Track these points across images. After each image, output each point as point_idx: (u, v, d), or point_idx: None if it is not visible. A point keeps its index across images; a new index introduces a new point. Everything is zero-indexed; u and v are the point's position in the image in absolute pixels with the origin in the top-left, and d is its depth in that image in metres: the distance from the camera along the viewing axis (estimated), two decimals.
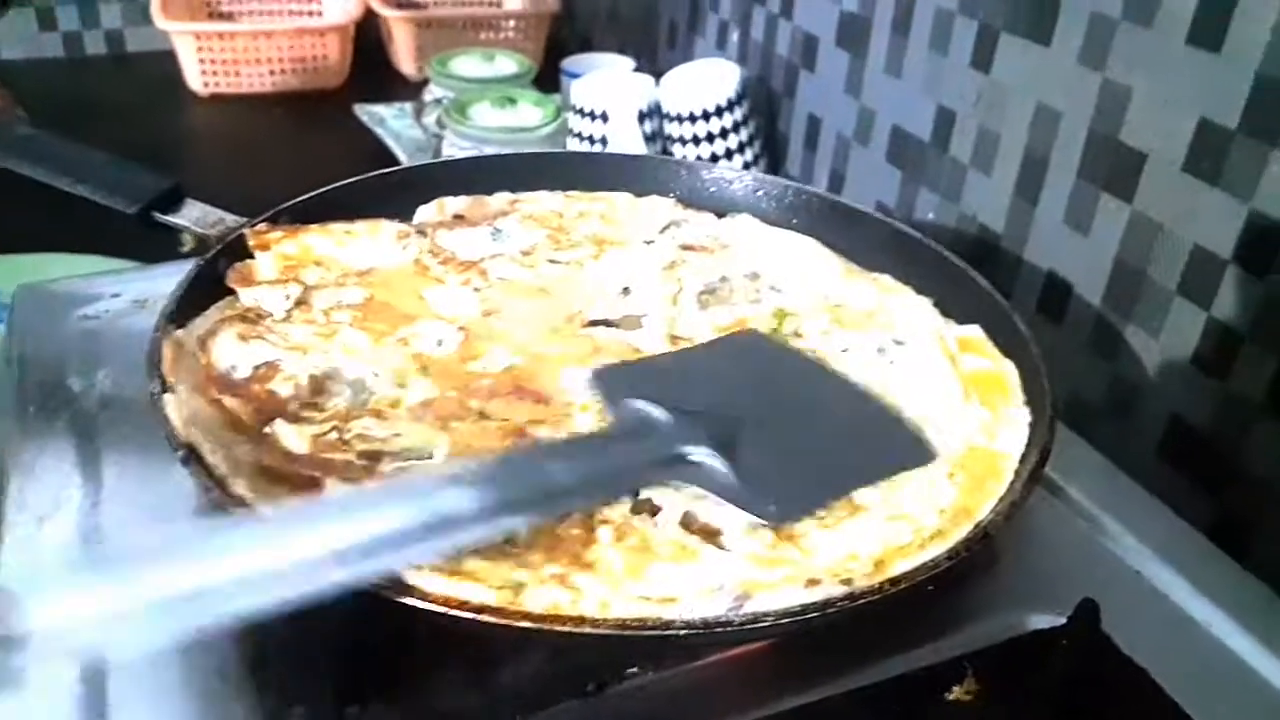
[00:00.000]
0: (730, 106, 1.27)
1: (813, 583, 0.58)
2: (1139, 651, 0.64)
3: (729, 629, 0.57)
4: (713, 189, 1.01)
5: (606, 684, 0.63)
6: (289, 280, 0.83)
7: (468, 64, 1.60)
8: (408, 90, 1.73)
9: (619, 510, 0.64)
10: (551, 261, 0.90)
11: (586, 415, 0.71)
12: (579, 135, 1.32)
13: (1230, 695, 0.66)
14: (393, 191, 0.96)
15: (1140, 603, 0.72)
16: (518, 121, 1.36)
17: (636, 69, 1.46)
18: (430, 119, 1.47)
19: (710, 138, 1.27)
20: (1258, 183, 0.79)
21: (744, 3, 1.40)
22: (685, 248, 0.93)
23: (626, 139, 1.27)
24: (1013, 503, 0.64)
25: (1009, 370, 0.78)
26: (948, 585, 0.67)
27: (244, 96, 1.78)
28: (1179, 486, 0.87)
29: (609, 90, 1.31)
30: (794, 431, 0.71)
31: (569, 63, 1.61)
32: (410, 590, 0.56)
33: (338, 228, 0.89)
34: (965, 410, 0.74)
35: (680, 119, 1.28)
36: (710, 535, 0.63)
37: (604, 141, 1.29)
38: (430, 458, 0.68)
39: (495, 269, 0.89)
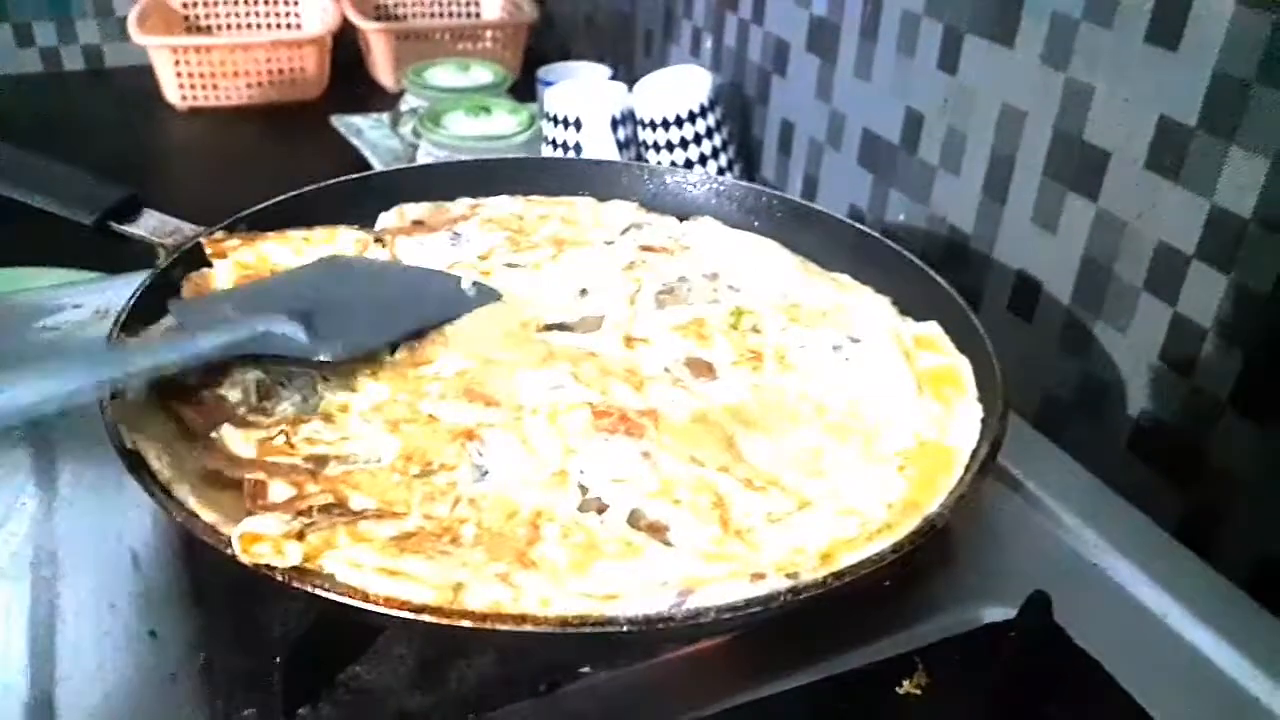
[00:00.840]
0: (703, 112, 1.27)
1: (757, 577, 0.58)
2: (1094, 644, 0.64)
3: (671, 624, 0.56)
4: (675, 193, 1.02)
5: (559, 683, 0.64)
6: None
7: (443, 74, 1.62)
8: (386, 101, 1.75)
9: (566, 508, 0.64)
10: (509, 265, 0.90)
11: (537, 418, 0.71)
12: (553, 142, 1.32)
13: (1185, 686, 0.66)
14: (355, 199, 0.96)
15: (1097, 596, 0.72)
16: (492, 130, 1.38)
17: (614, 77, 1.46)
18: (406, 129, 1.49)
19: (684, 143, 1.27)
20: (1218, 178, 0.79)
21: (717, 10, 1.41)
22: (645, 249, 0.93)
23: (599, 145, 1.28)
24: (961, 495, 0.64)
25: (964, 365, 0.78)
26: (904, 581, 0.69)
27: (222, 109, 1.79)
28: (1149, 482, 0.88)
29: (582, 98, 1.31)
30: (358, 305, 0.81)
31: (545, 71, 1.61)
32: (352, 591, 0.56)
33: (296, 235, 0.89)
34: (918, 405, 0.75)
35: (654, 125, 1.28)
36: (657, 531, 0.63)
37: (578, 148, 1.30)
38: (379, 460, 0.68)
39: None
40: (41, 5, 1.92)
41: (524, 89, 1.66)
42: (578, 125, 1.29)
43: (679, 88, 1.30)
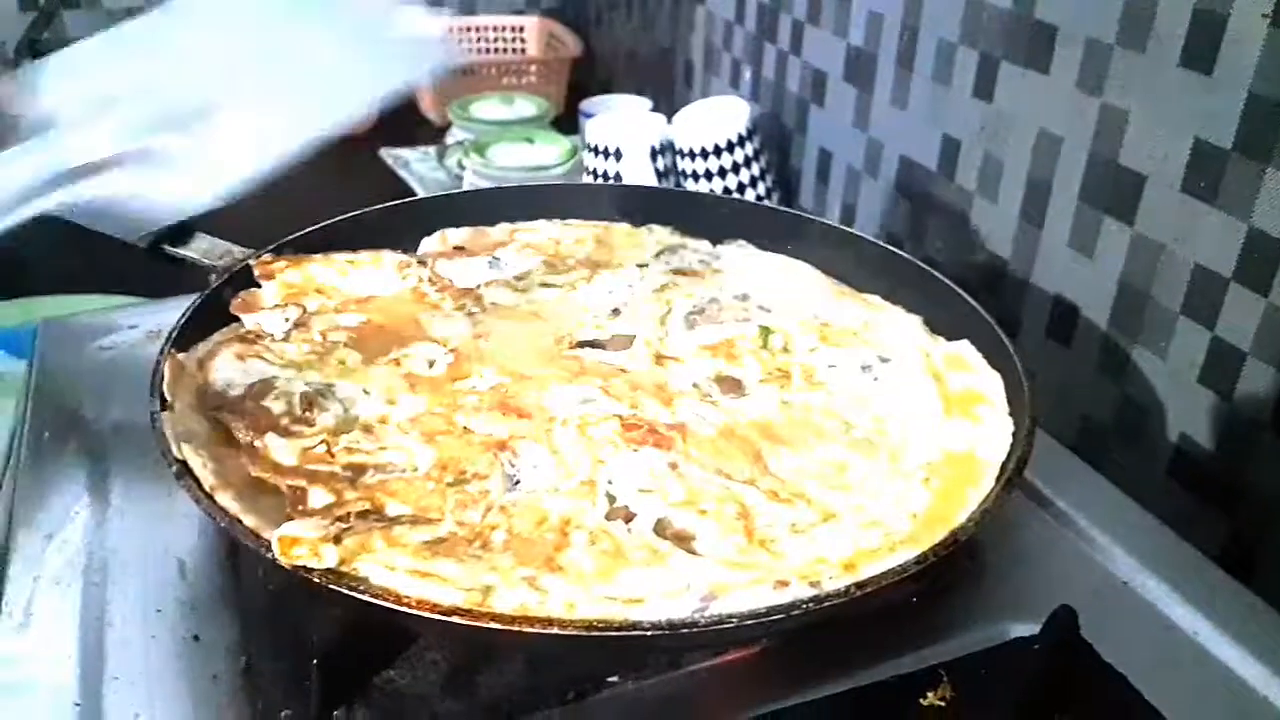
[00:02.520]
0: (741, 142, 1.28)
1: (781, 584, 0.58)
2: (1121, 660, 0.64)
3: (695, 629, 0.57)
4: (710, 217, 1.03)
5: (586, 693, 0.64)
6: (290, 304, 0.86)
7: (488, 107, 1.65)
8: (433, 135, 1.77)
9: (594, 516, 0.66)
10: (544, 285, 0.92)
11: (567, 430, 0.73)
12: (594, 172, 1.34)
13: (1216, 703, 0.66)
14: (399, 224, 0.99)
15: (1126, 613, 0.72)
16: (534, 160, 1.40)
17: (655, 108, 1.48)
18: (452, 160, 1.52)
19: (722, 172, 1.28)
20: (1255, 201, 0.79)
21: (755, 42, 1.42)
22: (677, 272, 0.94)
23: (639, 174, 1.29)
24: (986, 509, 0.64)
25: (995, 382, 0.78)
26: (931, 595, 0.69)
27: None
28: (1189, 506, 0.87)
29: (622, 129, 1.33)
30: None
31: (587, 104, 1.64)
32: (385, 593, 0.57)
33: (340, 258, 0.92)
34: (946, 423, 0.75)
35: (693, 154, 1.29)
36: (683, 540, 0.64)
37: (618, 177, 1.31)
38: (415, 469, 0.70)
39: (490, 295, 0.91)
40: None
41: (567, 122, 1.68)
42: (618, 155, 1.31)
43: (718, 118, 1.31)
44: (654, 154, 1.30)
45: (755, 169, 1.29)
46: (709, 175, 1.29)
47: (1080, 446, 0.94)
